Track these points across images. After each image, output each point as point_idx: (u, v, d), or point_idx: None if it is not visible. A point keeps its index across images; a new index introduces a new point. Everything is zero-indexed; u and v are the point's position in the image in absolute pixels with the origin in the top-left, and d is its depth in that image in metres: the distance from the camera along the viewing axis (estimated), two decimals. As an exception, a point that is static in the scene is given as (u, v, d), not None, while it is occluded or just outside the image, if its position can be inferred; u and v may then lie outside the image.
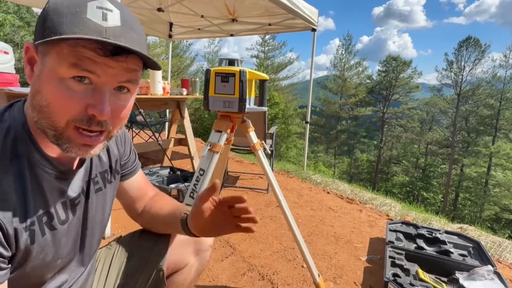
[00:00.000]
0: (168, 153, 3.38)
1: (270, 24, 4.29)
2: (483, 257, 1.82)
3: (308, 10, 3.72)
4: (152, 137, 3.47)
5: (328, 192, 3.30)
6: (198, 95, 3.29)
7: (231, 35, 4.97)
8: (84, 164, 0.64)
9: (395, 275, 1.58)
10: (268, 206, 2.73)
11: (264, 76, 1.39)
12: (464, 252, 1.88)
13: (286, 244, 2.06)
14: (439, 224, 2.61)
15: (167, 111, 5.31)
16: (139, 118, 4.04)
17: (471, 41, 23.91)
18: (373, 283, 1.70)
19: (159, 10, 3.94)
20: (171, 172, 3.17)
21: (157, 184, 2.86)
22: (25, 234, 0.51)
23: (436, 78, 25.87)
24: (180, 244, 0.88)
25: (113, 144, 0.75)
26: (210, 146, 1.29)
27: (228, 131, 1.33)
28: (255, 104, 1.39)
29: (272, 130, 3.36)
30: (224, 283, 1.61)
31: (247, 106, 1.28)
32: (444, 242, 1.92)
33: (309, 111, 4.30)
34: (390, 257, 1.73)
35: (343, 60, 28.36)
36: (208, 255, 0.94)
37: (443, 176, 24.27)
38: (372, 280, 1.72)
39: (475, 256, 1.86)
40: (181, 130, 3.83)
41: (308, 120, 4.29)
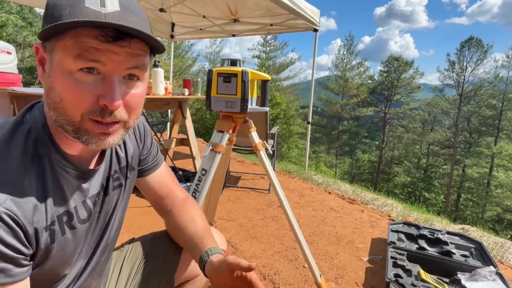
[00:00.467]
0: (170, 153, 3.38)
1: (272, 25, 4.30)
2: (485, 258, 1.81)
3: (310, 11, 3.72)
4: (154, 137, 3.48)
5: (329, 193, 3.30)
6: (200, 95, 3.29)
7: (233, 36, 4.98)
8: (103, 162, 0.64)
9: (396, 275, 1.58)
10: (270, 206, 2.74)
11: (266, 76, 1.39)
12: (466, 253, 1.88)
13: (287, 244, 2.06)
14: (441, 224, 2.61)
15: (169, 111, 5.32)
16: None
17: (473, 41, 23.84)
18: (374, 283, 1.70)
19: (161, 10, 3.95)
20: (173, 172, 3.18)
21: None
22: (45, 234, 0.51)
23: (438, 79, 25.85)
24: (191, 258, 0.85)
25: (129, 139, 0.74)
26: (212, 146, 1.29)
27: (230, 131, 1.33)
28: (257, 104, 1.40)
29: (274, 130, 3.37)
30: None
31: (249, 106, 1.28)
32: (446, 243, 1.92)
33: (310, 111, 4.30)
34: (392, 257, 1.73)
35: (345, 61, 28.33)
36: None
37: (445, 176, 24.19)
38: (373, 281, 1.72)
39: (477, 257, 1.85)
40: (183, 130, 3.84)
41: (309, 121, 4.29)
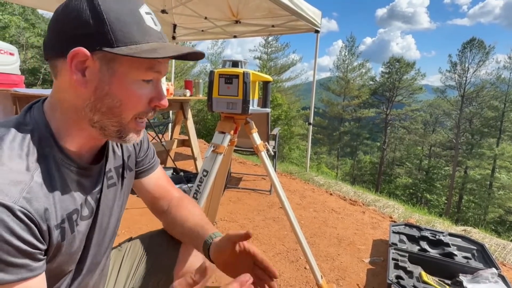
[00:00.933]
0: (171, 154, 3.39)
1: (273, 26, 4.30)
2: (487, 259, 1.81)
3: (311, 12, 3.73)
4: (156, 138, 3.48)
5: (331, 194, 3.30)
6: (201, 96, 3.30)
7: (235, 37, 4.99)
8: (101, 160, 0.65)
9: (398, 277, 1.58)
10: (271, 207, 2.73)
11: (268, 77, 1.40)
12: (468, 255, 1.87)
13: (289, 245, 2.06)
14: (442, 226, 2.60)
15: (171, 112, 5.33)
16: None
17: (475, 42, 23.79)
18: (376, 285, 1.69)
19: (163, 12, 3.97)
20: (174, 173, 3.18)
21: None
22: (56, 232, 0.53)
23: (439, 80, 25.79)
24: (190, 252, 0.87)
25: None
26: (214, 147, 1.30)
27: (232, 132, 1.33)
28: (258, 105, 1.40)
29: (275, 131, 3.37)
30: (226, 284, 1.61)
31: (251, 107, 1.28)
32: (447, 245, 1.91)
33: (312, 112, 4.30)
34: (393, 259, 1.73)
35: (346, 62, 28.33)
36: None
37: (446, 178, 24.12)
38: (375, 282, 1.71)
39: (479, 258, 1.85)
40: (184, 131, 3.85)
41: (311, 122, 4.29)
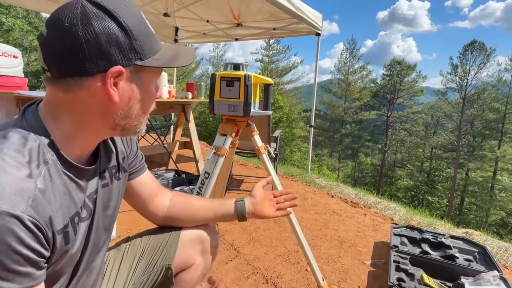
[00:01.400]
0: (173, 156, 3.40)
1: (274, 29, 4.32)
2: (489, 262, 1.80)
3: (313, 15, 3.74)
4: (158, 140, 3.50)
5: (332, 196, 3.30)
6: (203, 98, 3.32)
7: (236, 40, 5.00)
8: (96, 161, 0.67)
9: (399, 279, 1.58)
10: (272, 210, 2.73)
11: (269, 80, 1.41)
12: (470, 257, 1.86)
13: (290, 247, 2.06)
14: (444, 228, 2.59)
15: (173, 114, 5.34)
16: (144, 121, 4.07)
17: (476, 45, 23.79)
18: (377, 287, 1.69)
19: (165, 15, 3.99)
20: (176, 175, 3.19)
21: (162, 187, 2.87)
22: (59, 237, 0.53)
23: (441, 82, 25.76)
24: (188, 244, 0.90)
25: (120, 142, 0.78)
26: (215, 149, 1.31)
27: (233, 134, 1.34)
28: (259, 108, 1.41)
29: (276, 133, 3.38)
30: (228, 286, 1.62)
31: (252, 110, 1.29)
32: (449, 247, 1.91)
33: (313, 114, 4.30)
34: (395, 261, 1.73)
35: (347, 64, 28.37)
36: (215, 255, 0.98)
37: (448, 180, 24.05)
38: (376, 285, 1.71)
39: (480, 261, 1.84)
40: (186, 133, 3.86)
41: (312, 124, 4.29)
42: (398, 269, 1.67)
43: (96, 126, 0.59)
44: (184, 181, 2.94)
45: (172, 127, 5.06)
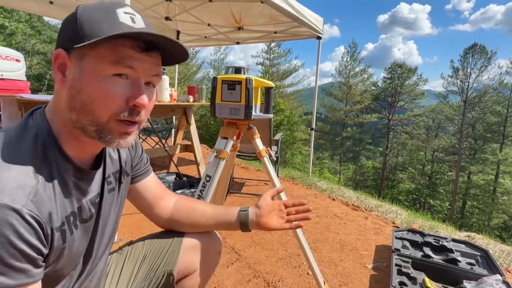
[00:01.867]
0: (174, 159, 3.40)
1: (275, 32, 4.34)
2: (491, 266, 1.79)
3: (313, 19, 3.76)
4: (159, 143, 3.51)
5: (333, 199, 3.29)
6: (204, 102, 3.32)
7: (237, 43, 5.03)
8: (101, 165, 0.67)
9: (401, 283, 1.57)
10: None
11: (270, 83, 1.41)
12: (472, 261, 1.86)
13: (291, 251, 2.05)
14: (446, 232, 2.58)
15: (174, 117, 5.36)
16: (146, 125, 4.09)
17: (477, 48, 23.83)
18: (379, 291, 1.68)
19: (167, 19, 4.00)
20: (177, 178, 3.19)
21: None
22: (57, 234, 0.54)
23: (442, 85, 25.80)
24: (190, 250, 0.89)
25: None
26: (217, 152, 1.31)
27: (234, 138, 1.35)
28: (260, 111, 1.41)
29: (278, 136, 3.38)
30: (229, 289, 1.61)
31: (253, 113, 1.30)
32: (451, 251, 1.90)
33: (314, 117, 4.31)
34: (397, 265, 1.72)
35: (348, 67, 28.43)
36: (217, 261, 0.96)
37: (450, 183, 23.98)
38: (378, 288, 1.70)
39: (483, 265, 1.83)
40: (187, 136, 3.86)
41: (313, 127, 4.30)
42: (400, 272, 1.66)
43: (66, 121, 0.56)
44: (185, 184, 2.94)
45: (173, 130, 5.06)
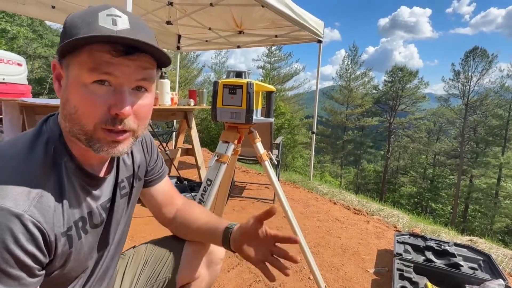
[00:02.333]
0: (175, 163, 3.40)
1: (276, 36, 4.36)
2: (494, 270, 1.78)
3: (314, 22, 3.77)
4: (160, 147, 3.51)
5: (334, 203, 3.28)
6: (205, 105, 3.33)
7: (238, 47, 5.05)
8: (113, 171, 0.67)
9: (403, 288, 1.56)
10: (274, 217, 2.71)
11: (271, 88, 1.41)
12: (474, 265, 1.84)
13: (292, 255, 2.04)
14: (448, 236, 2.57)
15: (175, 121, 5.36)
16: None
17: (478, 51, 23.84)
18: (381, 296, 1.67)
19: (168, 23, 4.04)
20: (178, 182, 3.19)
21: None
22: (63, 239, 0.54)
23: (443, 88, 25.77)
24: (192, 257, 0.88)
25: (137, 150, 0.77)
26: (218, 156, 1.31)
27: (235, 141, 1.34)
28: (261, 115, 1.41)
29: (278, 140, 3.38)
30: (230, 294, 1.60)
31: (254, 117, 1.30)
32: (453, 255, 1.89)
33: (315, 121, 4.31)
34: (398, 269, 1.71)
35: (349, 71, 28.44)
36: (219, 268, 0.95)
37: (452, 187, 23.87)
38: (380, 293, 1.69)
39: (485, 269, 1.82)
40: (188, 140, 3.86)
41: (314, 130, 4.30)
42: (401, 277, 1.65)
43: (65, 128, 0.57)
44: (186, 188, 2.94)
45: (174, 133, 5.07)
